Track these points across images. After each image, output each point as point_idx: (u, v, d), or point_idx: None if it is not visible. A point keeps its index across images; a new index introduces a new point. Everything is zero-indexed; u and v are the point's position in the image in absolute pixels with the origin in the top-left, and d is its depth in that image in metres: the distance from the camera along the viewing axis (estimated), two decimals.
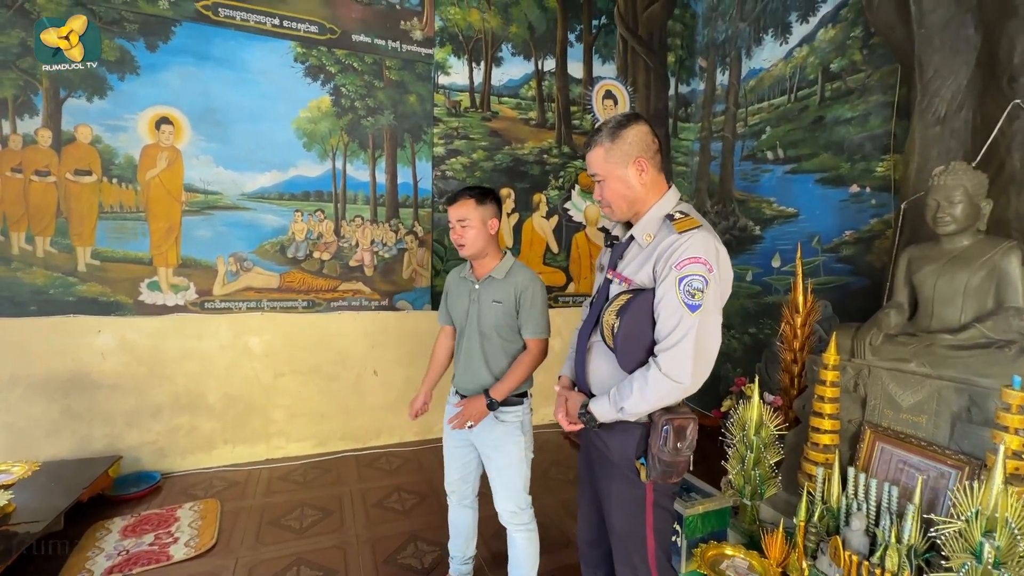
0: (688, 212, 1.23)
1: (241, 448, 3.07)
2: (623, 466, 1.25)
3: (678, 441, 1.17)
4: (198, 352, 2.95)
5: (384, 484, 2.83)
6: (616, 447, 1.26)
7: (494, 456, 1.75)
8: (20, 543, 1.90)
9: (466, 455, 1.89)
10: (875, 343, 2.09)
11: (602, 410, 1.22)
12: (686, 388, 1.14)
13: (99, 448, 2.78)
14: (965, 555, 1.45)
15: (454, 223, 1.72)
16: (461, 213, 1.69)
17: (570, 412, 1.32)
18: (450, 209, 1.73)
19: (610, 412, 1.20)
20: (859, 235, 2.88)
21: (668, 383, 1.13)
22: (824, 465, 2.04)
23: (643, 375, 1.16)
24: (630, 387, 1.16)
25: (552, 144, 3.73)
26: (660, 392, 1.14)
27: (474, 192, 1.72)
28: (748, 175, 3.60)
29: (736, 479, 2.22)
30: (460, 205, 1.70)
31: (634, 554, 1.26)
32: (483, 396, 1.71)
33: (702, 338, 1.14)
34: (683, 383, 1.13)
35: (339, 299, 3.24)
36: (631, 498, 1.25)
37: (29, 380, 2.65)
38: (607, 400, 1.20)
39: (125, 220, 2.78)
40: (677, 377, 1.12)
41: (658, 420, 1.18)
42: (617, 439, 1.26)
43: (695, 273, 1.13)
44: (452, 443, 1.90)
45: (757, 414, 2.17)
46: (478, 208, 1.70)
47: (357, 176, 3.24)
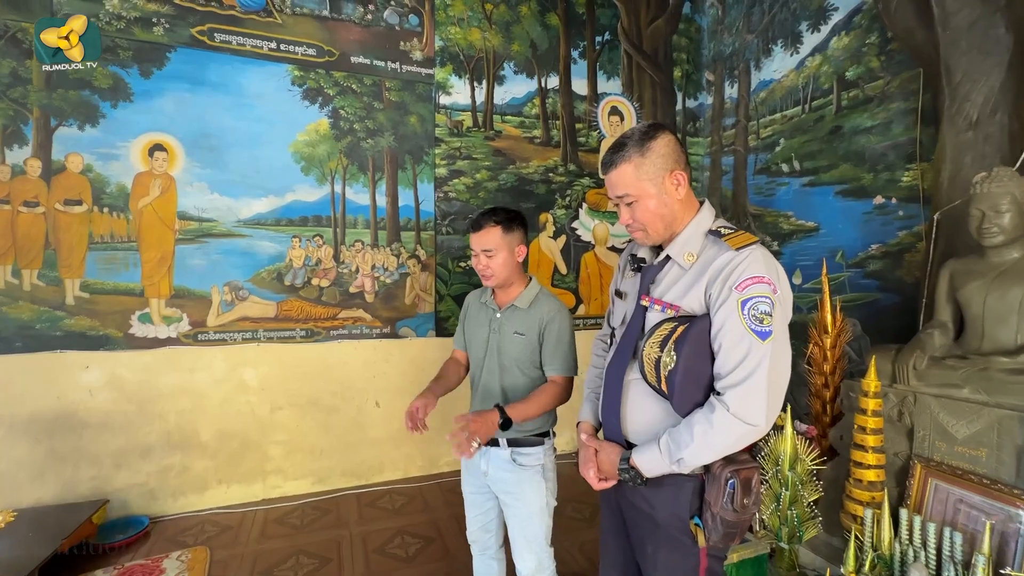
0: (736, 228, 1.09)
1: (236, 488, 2.90)
2: (672, 529, 1.07)
3: (744, 496, 0.99)
4: (191, 387, 2.81)
5: (386, 526, 2.63)
6: (664, 506, 1.08)
7: (513, 504, 1.57)
8: None
9: (485, 502, 1.70)
10: (920, 367, 1.90)
11: (651, 462, 1.04)
12: (760, 431, 0.97)
13: (85, 492, 2.62)
14: None
15: (478, 252, 1.55)
16: (486, 242, 1.53)
17: (604, 467, 1.14)
18: (473, 236, 1.56)
19: (662, 464, 1.02)
20: (887, 249, 2.71)
21: (739, 426, 0.96)
22: (871, 505, 1.84)
23: (706, 418, 0.98)
24: (689, 433, 0.99)
25: (557, 162, 3.62)
26: (730, 438, 0.97)
27: (500, 217, 1.54)
28: (763, 189, 3.45)
29: (771, 520, 2.01)
30: (485, 233, 1.53)
31: None
32: (495, 411, 1.45)
33: (775, 370, 0.98)
34: (757, 425, 0.96)
35: (339, 327, 3.10)
36: (681, 567, 1.07)
37: (12, 420, 2.51)
38: (656, 450, 1.03)
39: (116, 250, 2.68)
40: (750, 418, 0.95)
41: (719, 472, 1.00)
42: (665, 496, 1.08)
43: (760, 295, 0.98)
44: (469, 488, 1.72)
45: (791, 447, 1.98)
46: (505, 236, 1.53)
47: (357, 200, 3.13)
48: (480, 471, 1.64)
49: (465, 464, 1.73)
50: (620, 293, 1.27)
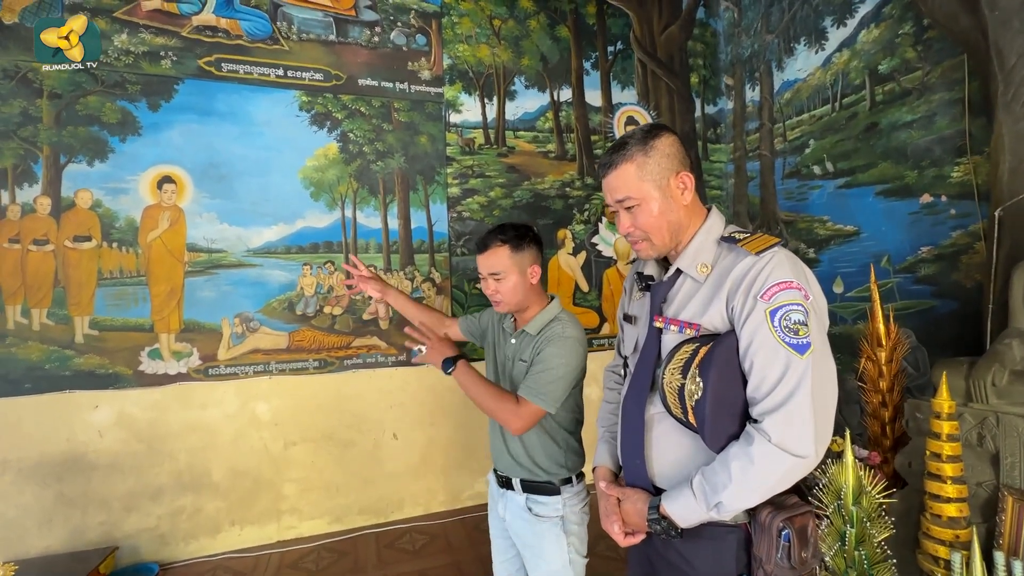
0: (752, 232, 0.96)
1: (249, 530, 2.76)
2: None
3: (802, 549, 0.83)
4: (202, 424, 2.70)
5: (406, 571, 2.45)
6: (705, 564, 0.91)
7: (532, 560, 1.40)
8: None
9: (510, 548, 1.54)
10: (1000, 383, 1.67)
11: (685, 509, 0.88)
12: (809, 464, 0.81)
13: (94, 537, 2.51)
14: None
15: (485, 275, 1.40)
16: (493, 264, 1.38)
17: (630, 519, 0.98)
18: (480, 258, 1.41)
19: (698, 511, 0.86)
20: (939, 251, 2.48)
21: (785, 459, 0.80)
22: (955, 546, 1.60)
23: (744, 452, 0.82)
24: (727, 472, 0.83)
25: (574, 176, 3.49)
26: (775, 474, 0.81)
27: (508, 236, 1.39)
28: (794, 193, 3.26)
29: (836, 562, 1.77)
30: (492, 253, 1.38)
31: None
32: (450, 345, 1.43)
33: (820, 389, 0.82)
34: (805, 456, 0.80)
35: (353, 356, 2.98)
36: None
37: (20, 465, 2.43)
38: (690, 494, 0.87)
39: (125, 285, 2.62)
40: (796, 448, 0.80)
41: (768, 522, 0.84)
42: (705, 552, 0.91)
43: (791, 302, 0.84)
44: (493, 532, 1.58)
45: (854, 477, 1.75)
46: (515, 255, 1.38)
47: (368, 223, 3.04)
48: (499, 516, 1.50)
49: (490, 504, 1.58)
50: (629, 317, 1.12)
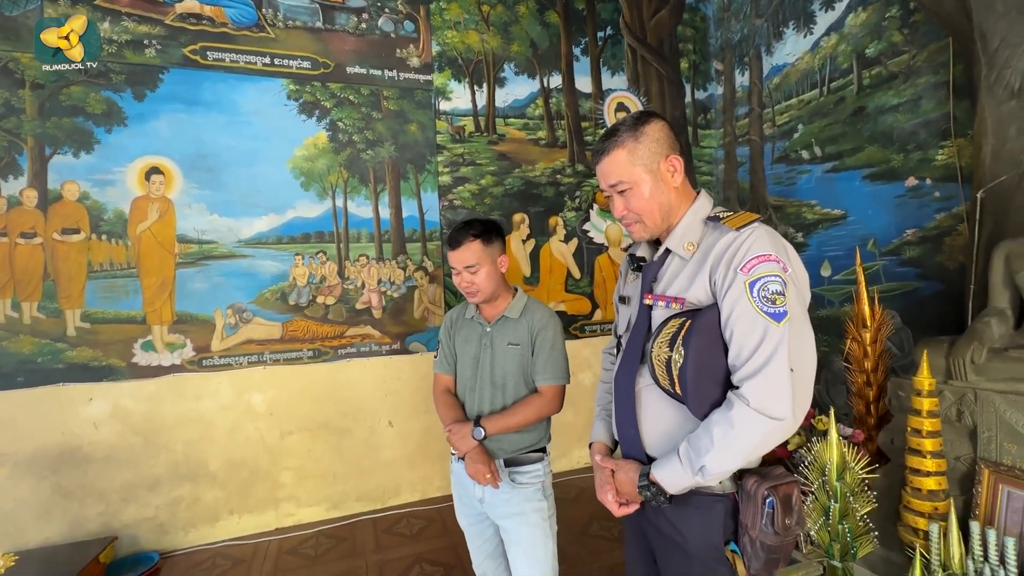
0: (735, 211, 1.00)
1: (248, 518, 2.79)
2: (706, 558, 0.94)
3: (786, 516, 0.87)
4: (197, 415, 2.71)
5: (404, 554, 2.50)
6: (694, 532, 0.95)
7: (513, 531, 1.45)
8: None
9: (485, 531, 1.58)
10: (978, 360, 1.72)
11: (672, 476, 0.92)
12: (787, 425, 0.85)
13: (93, 528, 2.53)
14: None
15: (460, 269, 1.46)
16: (467, 258, 1.44)
17: (623, 489, 1.01)
18: (451, 254, 1.46)
19: (684, 476, 0.90)
20: (924, 233, 2.52)
21: (763, 422, 0.84)
22: (934, 517, 1.66)
23: (725, 417, 0.87)
24: (709, 437, 0.87)
25: (565, 163, 3.49)
26: (754, 436, 0.85)
27: (477, 230, 1.47)
28: (782, 178, 3.28)
29: (820, 536, 1.83)
30: (465, 249, 1.44)
31: None
32: (470, 424, 1.44)
33: (797, 355, 0.87)
34: (782, 418, 0.84)
35: (347, 346, 3.00)
36: None
37: (16, 458, 2.44)
38: (677, 461, 0.91)
39: (116, 278, 2.61)
40: (774, 412, 0.84)
41: (754, 491, 0.88)
42: (695, 520, 0.95)
43: (769, 274, 0.88)
44: (466, 520, 1.60)
45: (838, 454, 1.80)
46: (486, 248, 1.45)
47: (359, 213, 3.04)
48: (475, 499, 1.53)
49: (458, 495, 1.61)
50: (623, 299, 1.18)
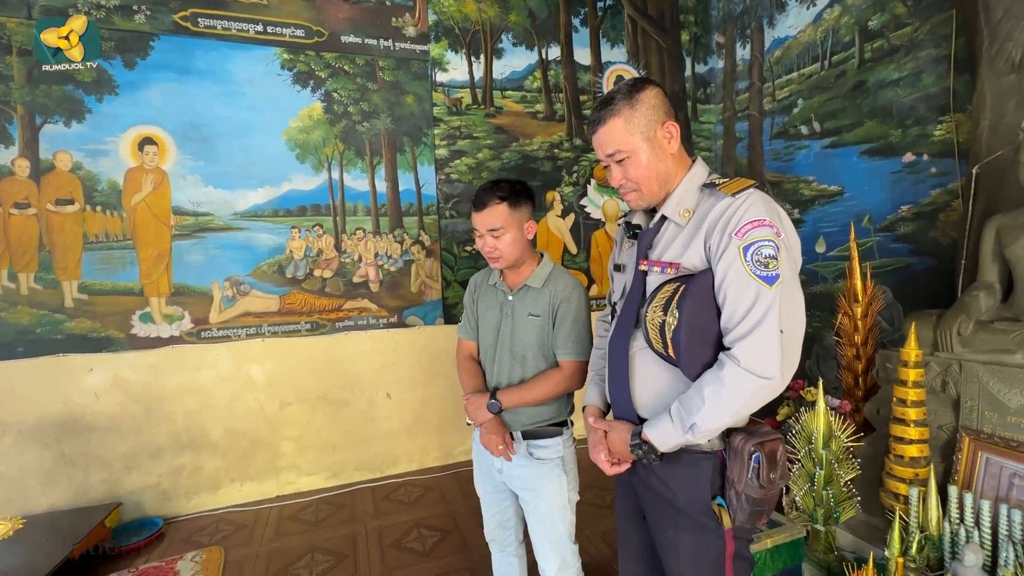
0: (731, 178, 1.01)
1: (249, 486, 2.85)
2: (694, 512, 0.98)
3: (771, 471, 0.91)
4: (197, 386, 2.75)
5: (402, 520, 2.57)
6: (682, 487, 0.98)
7: (532, 502, 1.46)
8: None
9: (501, 501, 1.60)
10: (964, 332, 1.75)
11: (663, 435, 0.95)
12: (775, 384, 0.88)
13: (98, 495, 2.59)
14: None
15: (483, 232, 1.41)
16: (492, 220, 1.39)
17: (615, 448, 1.05)
18: (476, 216, 1.41)
19: (675, 435, 0.93)
20: (919, 209, 2.53)
21: (752, 381, 0.87)
22: (915, 483, 1.71)
23: (716, 377, 0.90)
24: (700, 396, 0.90)
25: (563, 137, 3.47)
26: (743, 394, 0.88)
27: (505, 193, 1.41)
28: (780, 154, 3.27)
29: (805, 501, 1.89)
30: (490, 211, 1.39)
31: None
32: (486, 395, 1.43)
33: (787, 316, 0.89)
34: (771, 377, 0.87)
35: (344, 319, 3.02)
36: (707, 552, 0.98)
37: (19, 427, 2.47)
38: (668, 420, 0.94)
39: (112, 250, 2.61)
40: (762, 371, 0.87)
41: (741, 447, 0.92)
42: (683, 477, 0.99)
43: (762, 238, 0.89)
44: (484, 488, 1.62)
45: (824, 423, 1.85)
46: (513, 212, 1.40)
47: (355, 186, 3.02)
48: (494, 468, 1.53)
49: (478, 462, 1.62)
50: (619, 267, 1.19)
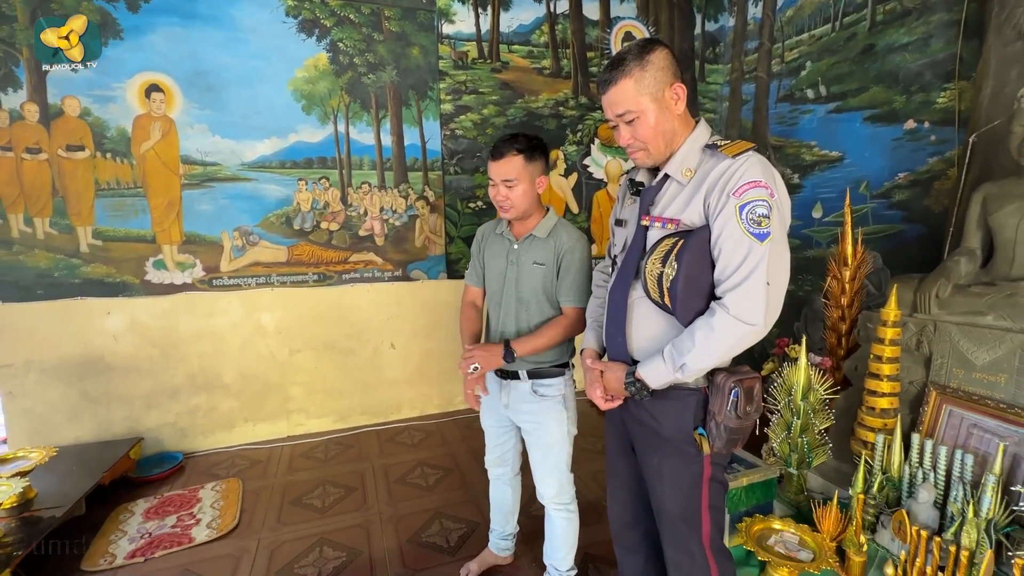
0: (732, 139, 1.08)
1: (261, 426, 3.03)
2: (677, 440, 1.10)
3: (747, 404, 1.03)
4: (210, 331, 2.87)
5: (406, 459, 2.75)
6: (669, 419, 1.10)
7: (535, 434, 1.60)
8: (42, 529, 1.87)
9: (503, 434, 1.74)
10: (943, 295, 1.86)
11: (655, 373, 1.06)
12: (758, 331, 0.98)
13: (120, 431, 2.75)
14: None
15: (497, 181, 1.48)
16: (507, 171, 1.45)
17: (610, 386, 1.16)
18: (492, 165, 1.48)
19: (666, 373, 1.04)
20: (915, 177, 2.58)
21: (739, 327, 0.97)
22: (882, 431, 1.86)
23: (707, 323, 1.00)
24: (691, 339, 1.00)
25: (568, 95, 3.45)
26: (730, 339, 0.98)
27: (522, 146, 1.46)
28: (785, 118, 3.28)
29: (781, 447, 2.05)
30: (507, 161, 1.45)
31: (690, 537, 1.13)
32: (501, 345, 1.51)
33: (774, 271, 0.98)
34: (755, 324, 0.97)
35: (351, 271, 3.11)
36: (687, 475, 1.11)
37: (43, 365, 2.60)
38: (660, 360, 1.05)
39: (123, 197, 2.66)
40: (749, 318, 0.97)
41: (723, 383, 1.03)
42: (670, 410, 1.10)
43: (757, 199, 0.97)
44: (489, 422, 1.76)
45: (804, 377, 1.98)
46: (528, 165, 1.47)
47: (361, 139, 3.04)
48: (500, 404, 1.66)
49: (485, 399, 1.75)
50: (620, 222, 1.26)
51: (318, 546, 2.02)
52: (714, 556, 1.13)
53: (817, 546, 1.66)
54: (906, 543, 1.54)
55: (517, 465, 1.82)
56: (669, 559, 1.18)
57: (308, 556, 1.96)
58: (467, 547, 1.99)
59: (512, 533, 1.88)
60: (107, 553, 1.98)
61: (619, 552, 1.42)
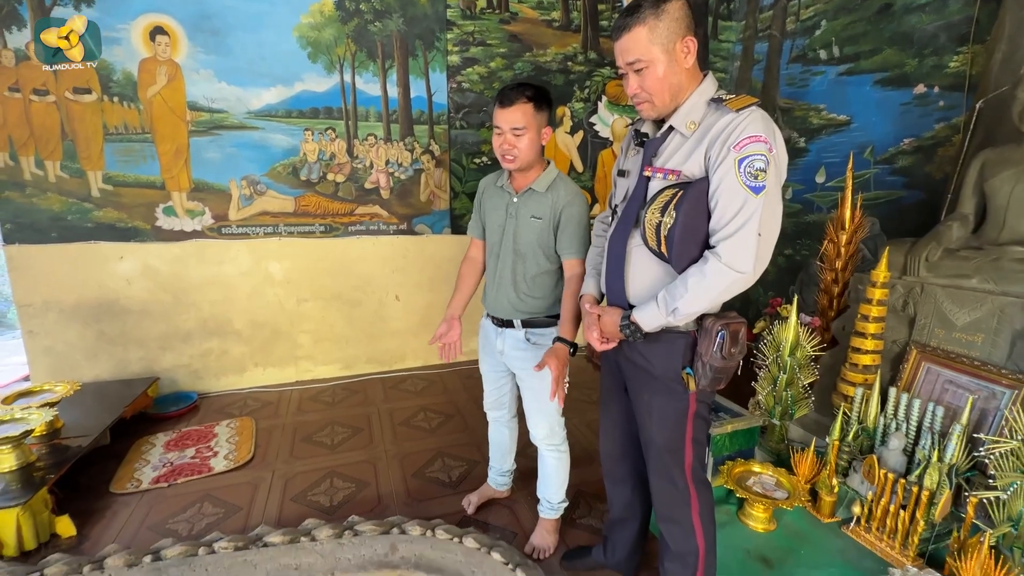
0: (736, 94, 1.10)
1: (271, 371, 3.15)
2: (666, 379, 1.19)
3: (732, 346, 1.10)
4: (220, 279, 2.95)
5: (410, 404, 2.89)
6: (660, 360, 1.19)
7: (527, 380, 1.68)
8: (72, 455, 2.00)
9: (500, 379, 1.84)
10: (932, 258, 1.92)
11: (649, 317, 1.13)
12: (747, 278, 1.05)
13: (136, 370, 2.88)
14: (1015, 475, 1.38)
15: (504, 129, 1.45)
16: (516, 119, 1.43)
17: (607, 328, 1.24)
18: (500, 112, 1.45)
19: (659, 317, 1.11)
20: (920, 143, 2.59)
21: (730, 274, 1.03)
22: (863, 386, 1.96)
23: (699, 270, 1.06)
24: (684, 285, 1.07)
25: (577, 49, 3.39)
26: (721, 285, 1.04)
27: (532, 94, 1.44)
28: (796, 80, 3.23)
29: (766, 400, 2.17)
30: (515, 109, 1.43)
31: (672, 466, 1.23)
32: (564, 346, 1.47)
33: (766, 222, 1.04)
34: (745, 272, 1.03)
35: (356, 223, 3.16)
36: (673, 410, 1.21)
37: (60, 306, 2.70)
38: (654, 305, 1.12)
39: (132, 142, 2.68)
40: (739, 266, 1.03)
41: (711, 326, 1.11)
42: (661, 351, 1.18)
43: (756, 153, 1.01)
44: (486, 368, 1.85)
45: (793, 334, 2.07)
46: (536, 114, 1.45)
47: (367, 90, 3.02)
48: (496, 351, 1.74)
49: (482, 344, 1.83)
50: (623, 172, 1.30)
51: (329, 477, 2.17)
52: (695, 485, 1.25)
53: (792, 487, 1.80)
54: (874, 485, 1.67)
55: (514, 409, 1.92)
56: (654, 487, 1.29)
57: (320, 486, 2.11)
58: (467, 482, 2.14)
59: (509, 470, 2.01)
60: (133, 478, 2.13)
61: (608, 484, 1.55)
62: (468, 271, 1.81)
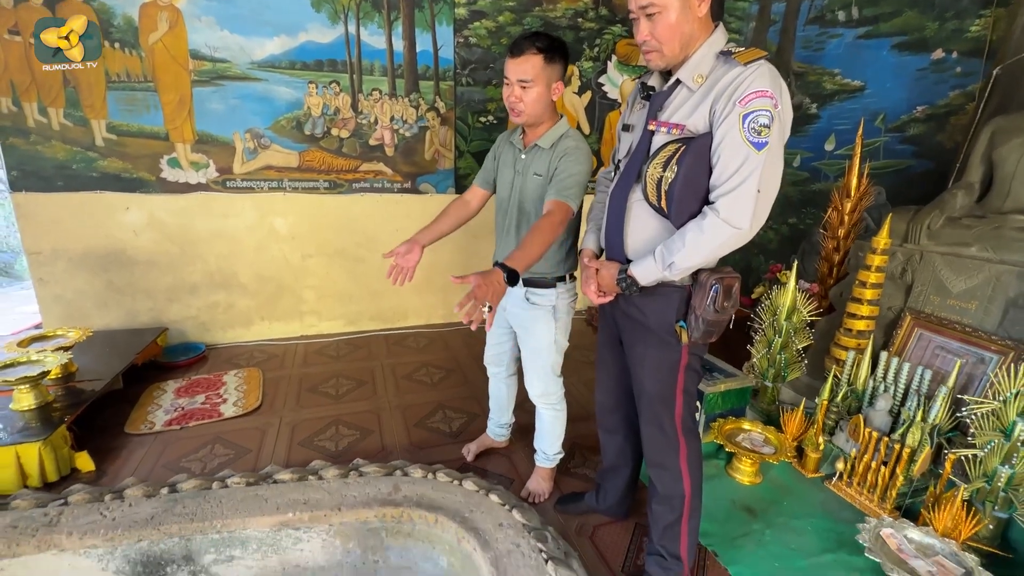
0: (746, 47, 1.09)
1: (276, 325, 3.22)
2: (660, 331, 1.23)
3: (725, 300, 1.13)
4: (226, 232, 2.97)
5: (412, 360, 2.96)
6: (655, 313, 1.22)
7: (524, 338, 1.72)
8: (87, 397, 2.08)
9: (500, 335, 1.87)
10: (934, 227, 1.93)
11: (645, 271, 1.16)
12: (744, 234, 1.06)
13: (145, 320, 2.94)
14: (994, 434, 1.44)
15: (512, 81, 1.40)
16: (525, 70, 1.38)
17: (604, 282, 1.26)
18: (510, 62, 1.39)
19: (655, 271, 1.14)
20: (933, 111, 2.55)
21: (727, 230, 1.05)
22: (856, 350, 2.01)
23: (697, 225, 1.07)
24: (681, 240, 1.09)
25: (588, 5, 3.29)
26: (718, 240, 1.06)
27: (543, 45, 1.38)
28: (812, 42, 3.15)
29: (760, 362, 2.22)
30: (525, 60, 1.38)
31: (663, 415, 1.29)
32: (498, 270, 1.20)
33: (766, 179, 1.04)
34: (742, 228, 1.05)
35: (361, 180, 3.15)
36: (666, 362, 1.25)
37: (69, 254, 2.73)
38: (651, 259, 1.14)
39: (134, 91, 2.65)
40: (737, 223, 1.04)
41: (705, 280, 1.13)
42: (656, 305, 1.22)
43: (762, 108, 1.01)
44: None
45: (791, 299, 2.11)
46: (547, 67, 1.40)
47: (372, 43, 2.96)
48: (501, 306, 1.75)
49: None
50: (627, 127, 1.29)
51: (334, 425, 2.25)
52: (684, 433, 1.30)
53: (779, 443, 1.87)
54: (858, 443, 1.74)
55: (513, 367, 1.96)
56: (645, 434, 1.35)
57: (326, 432, 2.19)
58: (467, 434, 2.22)
59: (508, 423, 2.08)
60: (147, 420, 2.22)
61: (602, 434, 1.62)
62: (454, 209, 1.73)
